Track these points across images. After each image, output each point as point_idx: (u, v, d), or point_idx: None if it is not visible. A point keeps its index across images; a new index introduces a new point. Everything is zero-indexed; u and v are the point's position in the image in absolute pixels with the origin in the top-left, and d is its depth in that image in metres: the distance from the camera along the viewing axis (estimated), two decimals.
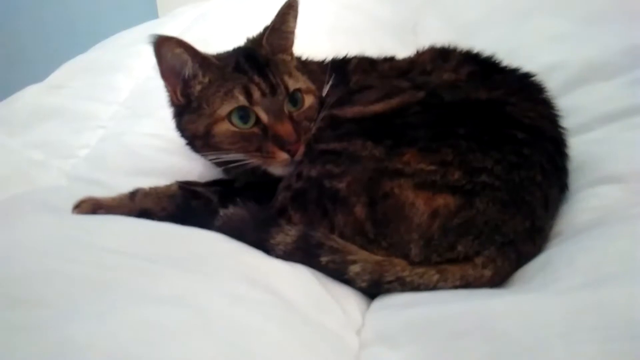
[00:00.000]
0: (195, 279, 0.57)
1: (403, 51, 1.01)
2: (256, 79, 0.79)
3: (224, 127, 0.79)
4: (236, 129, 0.79)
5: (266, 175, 0.82)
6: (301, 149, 0.78)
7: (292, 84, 0.82)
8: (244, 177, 0.86)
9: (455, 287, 0.64)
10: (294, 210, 0.74)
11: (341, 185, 0.71)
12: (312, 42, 1.00)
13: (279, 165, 0.79)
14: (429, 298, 0.61)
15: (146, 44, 0.77)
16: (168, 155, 1.05)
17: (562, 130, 0.79)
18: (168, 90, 0.85)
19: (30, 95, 1.32)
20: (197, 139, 0.83)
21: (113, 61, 1.43)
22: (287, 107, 0.81)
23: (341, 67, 0.95)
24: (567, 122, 0.81)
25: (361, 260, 0.67)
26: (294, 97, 0.82)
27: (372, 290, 0.66)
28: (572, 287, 0.52)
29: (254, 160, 0.80)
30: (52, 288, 0.52)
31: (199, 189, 0.82)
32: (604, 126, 0.87)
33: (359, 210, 0.69)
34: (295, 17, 0.86)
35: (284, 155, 0.78)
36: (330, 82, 0.89)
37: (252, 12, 0.91)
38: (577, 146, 0.81)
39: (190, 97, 0.82)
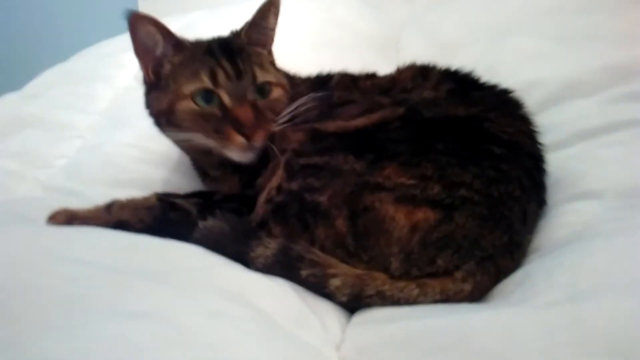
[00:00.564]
0: (172, 292, 0.56)
1: (385, 66, 1.02)
2: (224, 63, 0.82)
3: (186, 106, 0.81)
4: (197, 108, 0.81)
5: (225, 164, 0.85)
6: (259, 135, 0.80)
7: (262, 76, 0.85)
8: (204, 161, 0.89)
9: (435, 301, 0.64)
10: (275, 223, 0.73)
11: (322, 198, 0.71)
12: (297, 56, 1.01)
13: (235, 148, 0.81)
14: (409, 312, 0.61)
15: (126, 51, 0.78)
16: (146, 165, 1.03)
17: (540, 146, 0.80)
18: (141, 68, 0.87)
19: (7, 104, 1.30)
20: (161, 115, 0.85)
21: (93, 71, 1.42)
22: (254, 96, 0.83)
23: (324, 83, 0.95)
24: (545, 138, 0.82)
25: (341, 274, 0.66)
26: (262, 88, 0.85)
27: (353, 304, 0.66)
28: (551, 302, 0.53)
29: (211, 142, 0.82)
30: (24, 302, 0.50)
31: (178, 201, 0.81)
32: (581, 143, 0.89)
33: (340, 224, 0.69)
34: (276, 14, 0.89)
35: (239, 139, 0.80)
36: (312, 97, 0.89)
37: (237, 22, 0.92)
38: (555, 162, 0.82)
39: (160, 76, 0.84)
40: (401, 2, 1.65)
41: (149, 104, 0.88)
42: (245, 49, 0.87)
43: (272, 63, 0.91)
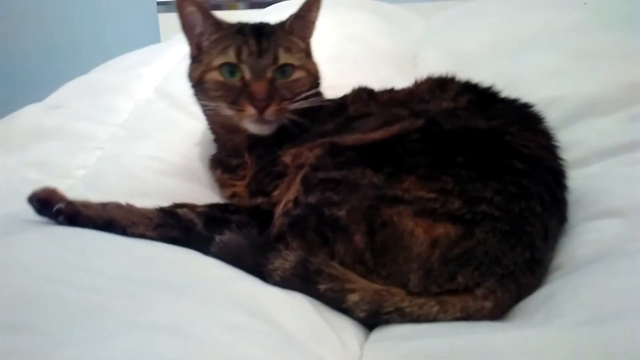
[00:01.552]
0: (191, 306, 0.56)
1: (402, 81, 1.02)
2: (250, 42, 0.91)
3: (213, 76, 0.91)
4: (222, 79, 0.91)
5: (245, 145, 0.95)
6: (271, 110, 0.87)
7: (285, 58, 0.92)
8: (227, 139, 0.99)
9: (456, 319, 0.62)
10: (292, 237, 0.73)
11: (341, 213, 0.70)
12: None
13: (247, 119, 0.89)
14: (429, 330, 0.60)
15: (146, 65, 0.82)
16: (165, 177, 1.04)
17: (561, 162, 0.79)
18: (188, 43, 0.98)
19: (29, 115, 1.32)
20: (196, 85, 0.95)
21: (114, 83, 1.44)
22: (274, 74, 0.90)
23: (342, 103, 0.97)
24: (566, 155, 0.81)
25: (360, 289, 0.65)
26: (283, 69, 0.92)
27: (371, 320, 0.65)
28: (577, 323, 0.51)
29: (230, 112, 0.90)
30: (45, 312, 0.50)
31: (181, 211, 0.79)
32: (603, 161, 0.88)
33: (359, 239, 0.68)
34: (318, 9, 0.98)
35: (251, 110, 0.87)
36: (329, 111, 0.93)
37: None
38: (576, 180, 0.81)
39: (201, 50, 0.95)
40: (418, 18, 1.66)
41: (189, 75, 0.97)
42: (277, 33, 0.95)
43: (307, 52, 0.99)
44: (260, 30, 0.94)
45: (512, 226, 0.67)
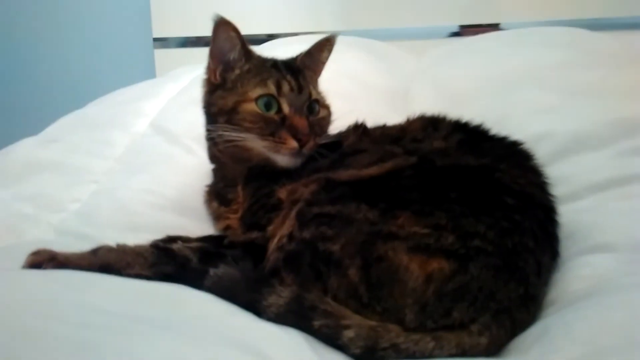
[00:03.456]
0: (182, 341, 0.55)
1: (395, 117, 1.04)
2: (288, 77, 0.93)
3: (250, 107, 0.91)
4: (259, 111, 0.90)
5: (252, 177, 0.93)
6: (311, 144, 0.90)
7: (314, 94, 0.96)
8: (234, 170, 0.97)
9: (451, 355, 0.62)
10: (287, 271, 0.73)
11: (335, 247, 0.70)
12: None
13: (287, 152, 0.90)
14: None
15: (142, 99, 0.81)
16: (160, 211, 1.04)
17: (551, 198, 0.80)
18: (208, 70, 0.98)
19: (24, 148, 1.32)
20: (223, 114, 0.93)
21: (109, 117, 1.45)
22: (307, 111, 0.93)
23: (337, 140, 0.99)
24: (556, 190, 0.82)
25: (355, 325, 0.65)
26: (311, 105, 0.95)
27: (366, 357, 0.64)
28: (571, 359, 0.51)
29: (263, 144, 0.90)
30: (32, 348, 0.49)
31: (176, 247, 0.79)
32: (593, 195, 0.89)
33: (353, 273, 0.68)
34: (330, 51, 1.03)
35: (294, 143, 0.89)
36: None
37: None
38: (567, 214, 0.82)
39: (226, 78, 0.95)
40: (410, 56, 1.70)
41: (212, 102, 0.96)
42: (303, 70, 0.98)
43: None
44: (292, 67, 0.97)
45: (506, 261, 0.67)
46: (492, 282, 0.66)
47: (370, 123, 1.01)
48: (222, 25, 0.92)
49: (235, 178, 0.98)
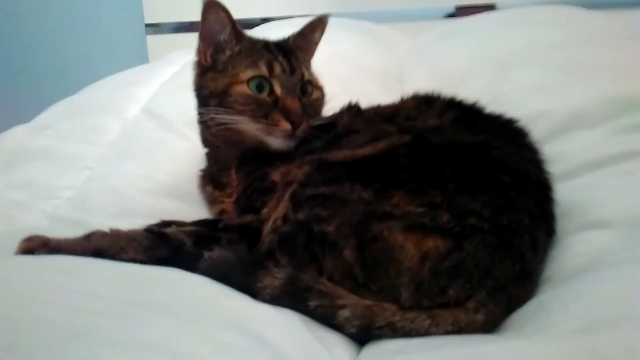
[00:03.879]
0: (178, 323, 0.55)
1: (389, 98, 1.03)
2: (280, 58, 0.91)
3: (241, 89, 0.89)
4: (251, 93, 0.88)
5: (245, 160, 0.92)
6: (304, 126, 0.88)
7: (307, 75, 0.95)
8: (227, 153, 0.95)
9: (447, 332, 0.62)
10: (282, 253, 0.72)
11: (330, 228, 0.70)
12: None
13: (280, 134, 0.88)
14: (421, 344, 0.59)
15: (133, 85, 0.80)
16: (153, 196, 1.03)
17: (547, 175, 0.80)
18: (199, 52, 0.96)
19: (15, 136, 1.31)
20: (214, 96, 0.91)
21: (102, 103, 1.43)
22: (299, 92, 0.91)
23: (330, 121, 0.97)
24: (552, 168, 0.82)
25: (351, 304, 0.65)
26: (304, 87, 0.93)
27: (362, 336, 0.64)
28: (567, 333, 0.51)
29: (256, 126, 0.88)
30: (27, 333, 0.49)
31: (169, 231, 0.78)
32: (589, 173, 0.89)
33: (348, 254, 0.68)
34: (322, 31, 1.01)
35: (286, 125, 0.87)
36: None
37: None
38: (563, 192, 0.81)
39: (217, 60, 0.93)
40: (404, 37, 1.69)
41: (203, 85, 0.94)
42: (295, 51, 0.96)
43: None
44: (283, 47, 0.95)
45: (501, 239, 0.67)
46: (488, 259, 0.65)
47: (364, 104, 1.00)
48: (212, 5, 0.90)
49: (228, 161, 0.96)
